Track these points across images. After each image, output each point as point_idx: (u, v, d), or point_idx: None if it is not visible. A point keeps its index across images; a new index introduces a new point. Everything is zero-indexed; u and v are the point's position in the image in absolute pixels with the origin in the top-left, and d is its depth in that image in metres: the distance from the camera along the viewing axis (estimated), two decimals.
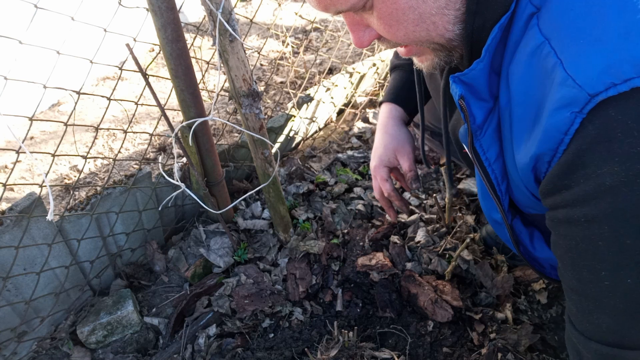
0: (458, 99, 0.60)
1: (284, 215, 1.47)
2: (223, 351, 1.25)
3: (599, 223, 0.49)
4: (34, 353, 1.28)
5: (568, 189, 0.51)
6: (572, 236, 0.53)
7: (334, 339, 1.22)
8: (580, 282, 0.55)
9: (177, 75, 1.18)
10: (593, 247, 0.51)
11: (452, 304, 1.24)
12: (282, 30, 2.73)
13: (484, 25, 0.57)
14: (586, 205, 0.49)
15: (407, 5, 0.56)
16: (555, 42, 0.50)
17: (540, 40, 0.51)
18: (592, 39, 0.46)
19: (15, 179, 1.83)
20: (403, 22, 0.58)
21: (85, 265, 1.36)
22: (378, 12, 0.58)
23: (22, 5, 1.87)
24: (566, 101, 0.47)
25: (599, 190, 0.47)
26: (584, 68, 0.46)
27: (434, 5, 0.56)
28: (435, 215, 1.55)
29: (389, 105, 1.14)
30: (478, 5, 0.55)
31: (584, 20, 0.48)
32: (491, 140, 0.63)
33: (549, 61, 0.50)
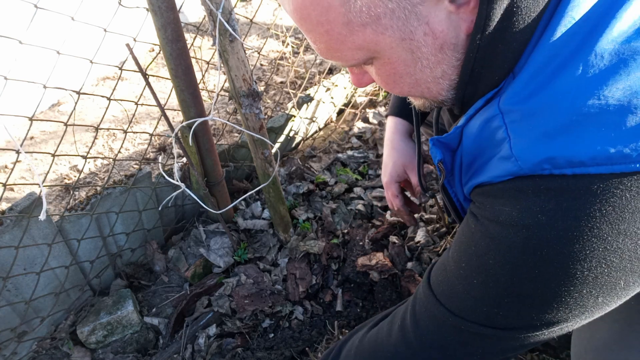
0: (437, 162, 0.68)
1: (284, 215, 1.47)
2: (223, 351, 1.25)
3: (481, 236, 0.60)
4: (34, 353, 1.28)
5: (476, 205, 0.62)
6: (465, 229, 0.65)
7: (334, 339, 1.22)
8: (451, 254, 0.67)
9: (177, 75, 1.18)
10: (469, 245, 0.63)
11: None
12: (282, 30, 2.73)
13: (475, 93, 0.61)
14: (480, 222, 0.60)
15: (405, 71, 0.60)
16: (508, 118, 0.55)
17: (496, 112, 0.57)
18: (541, 131, 0.52)
19: (15, 179, 1.83)
20: (399, 83, 0.63)
21: (85, 265, 1.36)
22: (377, 70, 0.62)
23: (22, 5, 1.87)
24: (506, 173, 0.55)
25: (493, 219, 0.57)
26: (528, 154, 0.53)
27: (430, 75, 0.60)
28: (435, 215, 1.55)
29: (394, 119, 1.18)
30: (471, 77, 0.60)
31: (538, 109, 0.52)
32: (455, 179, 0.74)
33: (499, 134, 0.57)
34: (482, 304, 0.62)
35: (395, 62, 0.59)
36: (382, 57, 0.59)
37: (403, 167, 1.14)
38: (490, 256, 0.58)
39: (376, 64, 0.61)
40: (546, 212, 0.52)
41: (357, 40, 0.56)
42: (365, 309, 1.32)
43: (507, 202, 0.56)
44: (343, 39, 0.56)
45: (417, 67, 0.59)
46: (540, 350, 1.17)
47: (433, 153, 0.68)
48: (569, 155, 0.50)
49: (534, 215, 0.53)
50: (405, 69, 0.60)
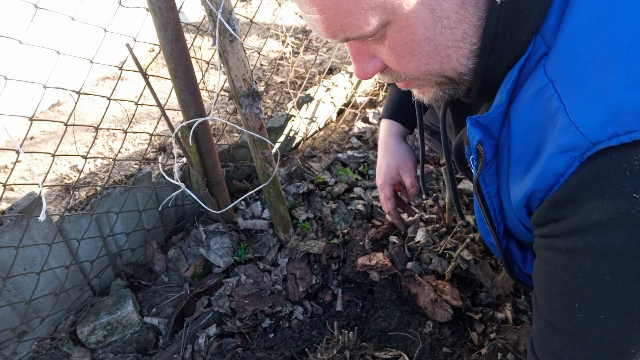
0: (476, 143, 0.59)
1: (284, 215, 1.47)
2: (223, 351, 1.25)
3: (580, 255, 0.50)
4: (34, 353, 1.28)
5: (556, 222, 0.52)
6: (552, 263, 0.54)
7: (334, 339, 1.22)
8: (551, 310, 0.55)
9: (177, 75, 1.18)
10: (571, 277, 0.51)
11: (452, 303, 1.24)
12: (282, 30, 2.73)
13: (499, 64, 0.55)
14: (571, 237, 0.50)
15: (424, 36, 0.54)
16: (560, 85, 0.49)
17: (544, 82, 0.51)
18: (597, 87, 0.46)
19: (15, 179, 1.83)
20: (417, 54, 0.56)
21: (85, 265, 1.36)
22: (391, 42, 0.55)
23: (22, 5, 1.87)
24: (568, 147, 0.48)
25: (586, 225, 0.48)
26: (588, 116, 0.46)
27: (450, 37, 0.54)
28: (435, 215, 1.55)
29: (387, 122, 1.16)
30: (494, 43, 0.53)
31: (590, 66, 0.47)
32: (493, 177, 0.64)
33: (552, 104, 0.50)
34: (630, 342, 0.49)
35: (413, 25, 0.52)
36: (399, 20, 0.52)
37: (396, 170, 1.12)
38: (604, 271, 0.48)
39: (390, 33, 0.54)
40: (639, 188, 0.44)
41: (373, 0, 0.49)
42: (365, 309, 1.32)
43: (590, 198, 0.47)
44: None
45: (437, 28, 0.53)
46: None
47: (471, 134, 0.59)
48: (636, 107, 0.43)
49: (629, 197, 0.44)
50: (425, 33, 0.53)
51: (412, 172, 1.12)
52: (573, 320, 0.52)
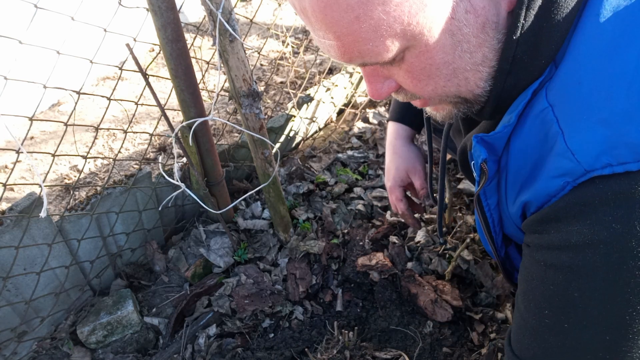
0: (481, 162, 0.60)
1: (284, 215, 1.47)
2: (223, 351, 1.25)
3: (555, 270, 0.53)
4: (34, 353, 1.28)
5: (539, 234, 0.55)
6: (531, 271, 0.58)
7: (334, 339, 1.22)
8: (526, 308, 0.60)
9: (177, 75, 1.18)
10: (544, 287, 0.56)
11: (452, 303, 1.24)
12: (282, 30, 2.73)
13: (515, 86, 0.56)
14: (549, 252, 0.54)
15: (443, 60, 0.53)
16: (559, 111, 0.51)
17: (545, 105, 0.52)
18: (596, 118, 0.47)
19: (15, 179, 1.83)
20: (434, 77, 0.55)
21: (85, 265, 1.36)
22: (408, 66, 0.55)
23: (22, 5, 1.87)
24: (562, 171, 0.50)
25: (564, 244, 0.51)
26: (585, 145, 0.48)
27: (469, 61, 0.54)
28: (435, 215, 1.55)
29: (395, 125, 1.16)
30: (512, 66, 0.54)
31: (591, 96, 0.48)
32: (493, 191, 0.66)
33: (550, 128, 0.51)
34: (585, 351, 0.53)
35: (432, 50, 0.52)
36: (419, 45, 0.51)
37: (406, 172, 1.14)
38: (574, 289, 0.52)
39: (409, 57, 0.53)
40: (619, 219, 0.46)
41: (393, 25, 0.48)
42: (366, 309, 1.32)
43: (573, 221, 0.50)
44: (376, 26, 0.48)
45: (457, 52, 0.52)
46: None
47: (476, 152, 0.60)
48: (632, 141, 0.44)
49: (608, 226, 0.47)
50: (444, 57, 0.53)
51: (421, 175, 1.13)
52: (542, 323, 0.57)
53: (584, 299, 0.51)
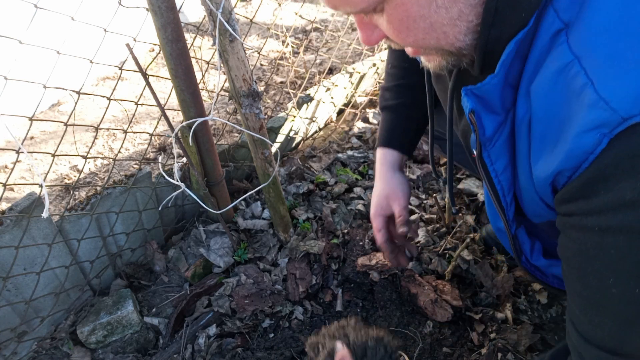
0: (468, 112, 0.59)
1: (284, 215, 1.47)
2: (223, 351, 1.25)
3: (613, 233, 0.50)
4: (34, 353, 1.28)
5: (586, 199, 0.51)
6: (583, 242, 0.54)
7: None
8: (585, 286, 0.56)
9: (177, 75, 1.18)
10: (604, 255, 0.52)
11: (452, 303, 1.24)
12: (282, 30, 2.73)
13: (500, 37, 0.55)
14: (603, 216, 0.50)
15: (419, 14, 0.55)
16: (586, 62, 0.48)
17: (570, 58, 0.50)
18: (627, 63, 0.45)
19: (15, 179, 1.83)
20: (413, 30, 0.57)
21: (85, 265, 1.36)
22: (388, 17, 0.57)
23: (22, 5, 1.87)
24: (596, 123, 0.47)
25: (618, 203, 0.48)
26: (619, 91, 0.45)
27: (446, 16, 0.55)
28: (435, 215, 1.55)
29: (382, 151, 1.13)
30: (495, 17, 0.54)
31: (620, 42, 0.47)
32: (500, 152, 0.63)
33: (578, 81, 0.49)
34: None
35: (407, 3, 0.54)
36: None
37: (387, 199, 1.09)
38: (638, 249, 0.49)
39: (387, 9, 0.56)
40: None
41: None
42: (365, 309, 1.32)
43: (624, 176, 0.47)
44: None
45: (432, 7, 0.54)
46: (540, 350, 1.17)
47: (464, 103, 0.60)
48: None
49: None
50: (419, 11, 0.54)
51: (401, 202, 1.08)
52: (608, 295, 0.53)
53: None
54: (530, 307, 1.27)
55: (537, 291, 1.29)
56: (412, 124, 1.11)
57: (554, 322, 1.24)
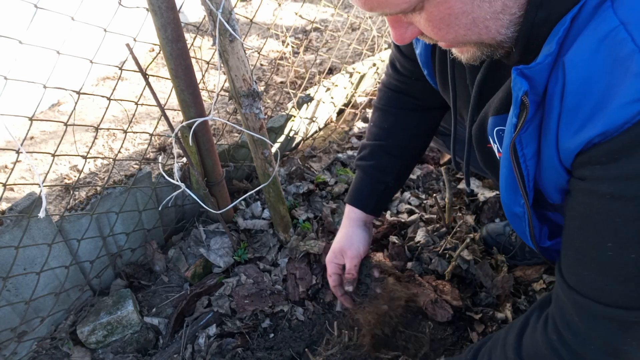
0: (522, 94, 0.56)
1: (284, 215, 1.47)
2: (223, 351, 1.25)
3: (624, 201, 0.50)
4: (34, 353, 1.28)
5: (604, 165, 0.51)
6: (591, 205, 0.55)
7: (334, 339, 1.22)
8: (584, 243, 0.58)
9: (177, 75, 1.18)
10: (609, 220, 0.53)
11: (452, 303, 1.24)
12: (282, 30, 2.73)
13: (547, 19, 0.54)
14: (617, 182, 0.50)
15: (461, 10, 0.54)
16: (634, 27, 0.47)
17: (615, 24, 0.48)
18: None
19: (15, 179, 1.83)
20: (454, 27, 0.56)
21: (85, 265, 1.36)
22: (428, 15, 0.56)
23: (22, 5, 1.87)
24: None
25: (635, 173, 0.48)
26: None
27: (489, 10, 0.54)
28: (435, 215, 1.55)
29: (349, 207, 1.17)
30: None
31: None
32: (531, 137, 0.62)
33: (624, 48, 0.47)
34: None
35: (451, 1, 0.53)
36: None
37: (341, 252, 1.13)
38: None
39: (428, 6, 0.54)
40: None
41: None
42: None
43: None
44: None
45: (475, 2, 0.53)
46: None
47: (517, 85, 0.57)
48: None
49: None
50: (462, 7, 0.53)
51: (353, 260, 1.11)
52: (604, 254, 0.55)
53: None
54: (530, 307, 1.27)
55: (537, 291, 1.29)
56: (379, 186, 1.14)
57: None
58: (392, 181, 1.14)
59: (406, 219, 1.54)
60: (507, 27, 0.56)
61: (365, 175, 1.15)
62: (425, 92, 1.03)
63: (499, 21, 0.55)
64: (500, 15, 0.54)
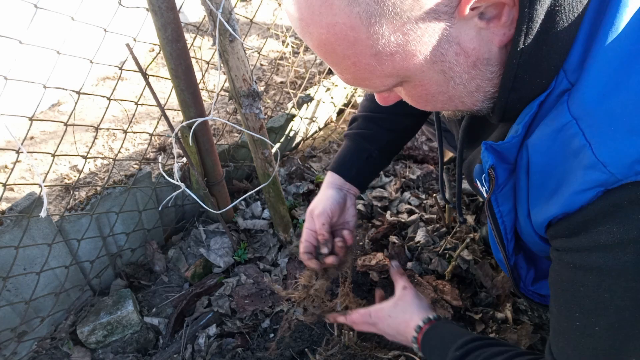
0: (488, 168, 0.62)
1: (284, 215, 1.47)
2: (223, 351, 1.25)
3: (585, 271, 0.54)
4: (34, 353, 1.28)
5: (568, 237, 0.55)
6: (560, 274, 0.59)
7: (334, 339, 1.22)
8: (558, 312, 0.61)
9: (177, 75, 1.18)
10: (574, 289, 0.56)
11: (452, 303, 1.24)
12: (282, 30, 2.73)
13: (520, 100, 0.58)
14: (578, 254, 0.54)
15: (437, 90, 0.58)
16: (584, 123, 0.51)
17: (568, 119, 0.52)
18: (626, 129, 0.48)
19: (15, 179, 1.83)
20: (432, 102, 0.61)
21: (85, 265, 1.36)
22: (407, 92, 0.60)
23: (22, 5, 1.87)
24: (594, 184, 0.50)
25: (593, 244, 0.52)
26: (617, 156, 0.48)
27: (464, 91, 0.58)
28: (435, 215, 1.55)
29: (329, 173, 1.12)
30: (515, 83, 0.56)
31: (618, 108, 0.49)
32: (506, 197, 0.66)
33: (576, 141, 0.51)
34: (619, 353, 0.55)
35: (426, 84, 0.57)
36: (413, 81, 0.57)
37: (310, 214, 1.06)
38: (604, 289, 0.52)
39: (406, 87, 0.59)
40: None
41: (386, 69, 0.55)
42: None
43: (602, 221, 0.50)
44: (371, 69, 0.55)
45: (450, 85, 0.57)
46: (541, 350, 1.17)
47: (484, 158, 0.62)
48: None
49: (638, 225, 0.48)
50: (438, 89, 0.58)
51: (319, 218, 1.03)
52: (573, 326, 0.58)
53: (614, 299, 0.52)
54: (530, 307, 1.27)
55: None
56: (362, 154, 1.09)
57: None
58: (376, 152, 1.10)
59: (406, 219, 1.54)
60: (483, 101, 0.60)
61: (350, 143, 1.13)
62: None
63: (474, 97, 0.60)
64: (474, 94, 0.59)
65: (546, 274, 0.77)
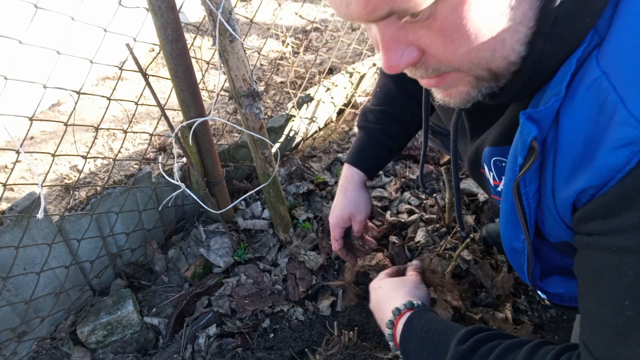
0: (531, 139, 0.54)
1: (284, 215, 1.47)
2: (223, 351, 1.25)
3: (631, 253, 0.49)
4: (34, 353, 1.28)
5: (605, 218, 0.50)
6: (600, 261, 0.53)
7: (334, 339, 1.22)
8: (599, 305, 0.55)
9: (177, 75, 1.18)
10: (621, 275, 0.50)
11: (452, 304, 1.24)
12: (282, 30, 2.73)
13: (555, 51, 0.51)
14: (621, 235, 0.49)
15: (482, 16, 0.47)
16: (615, 77, 0.47)
17: (597, 74, 0.48)
18: None
19: (15, 179, 1.83)
20: (470, 37, 0.49)
21: (85, 265, 1.36)
22: (440, 23, 0.48)
23: (22, 5, 1.87)
24: (627, 141, 0.45)
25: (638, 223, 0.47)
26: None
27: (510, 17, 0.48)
28: (435, 215, 1.55)
29: (350, 169, 1.17)
30: (553, 27, 0.49)
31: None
32: (533, 176, 0.60)
33: (607, 97, 0.47)
34: None
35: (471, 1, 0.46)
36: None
37: (349, 216, 1.18)
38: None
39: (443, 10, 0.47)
40: None
41: None
42: (366, 309, 1.31)
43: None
44: None
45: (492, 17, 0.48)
46: None
47: (525, 129, 0.55)
48: None
49: None
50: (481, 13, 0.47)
51: (361, 222, 1.19)
52: (623, 317, 0.52)
53: None
54: (530, 307, 1.27)
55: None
56: (383, 151, 1.15)
57: (554, 322, 1.24)
58: (395, 147, 1.16)
59: (406, 219, 1.54)
60: (522, 43, 0.51)
61: (370, 138, 1.15)
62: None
63: (517, 34, 0.50)
64: (519, 27, 0.50)
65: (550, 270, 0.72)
